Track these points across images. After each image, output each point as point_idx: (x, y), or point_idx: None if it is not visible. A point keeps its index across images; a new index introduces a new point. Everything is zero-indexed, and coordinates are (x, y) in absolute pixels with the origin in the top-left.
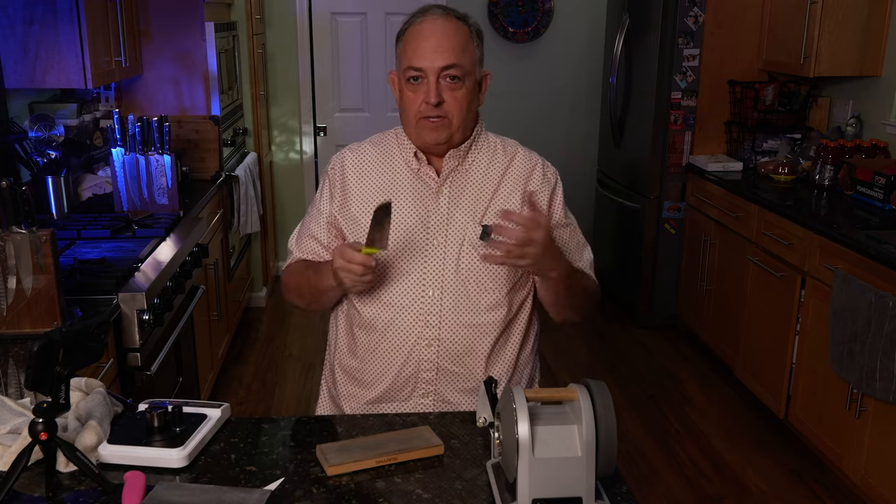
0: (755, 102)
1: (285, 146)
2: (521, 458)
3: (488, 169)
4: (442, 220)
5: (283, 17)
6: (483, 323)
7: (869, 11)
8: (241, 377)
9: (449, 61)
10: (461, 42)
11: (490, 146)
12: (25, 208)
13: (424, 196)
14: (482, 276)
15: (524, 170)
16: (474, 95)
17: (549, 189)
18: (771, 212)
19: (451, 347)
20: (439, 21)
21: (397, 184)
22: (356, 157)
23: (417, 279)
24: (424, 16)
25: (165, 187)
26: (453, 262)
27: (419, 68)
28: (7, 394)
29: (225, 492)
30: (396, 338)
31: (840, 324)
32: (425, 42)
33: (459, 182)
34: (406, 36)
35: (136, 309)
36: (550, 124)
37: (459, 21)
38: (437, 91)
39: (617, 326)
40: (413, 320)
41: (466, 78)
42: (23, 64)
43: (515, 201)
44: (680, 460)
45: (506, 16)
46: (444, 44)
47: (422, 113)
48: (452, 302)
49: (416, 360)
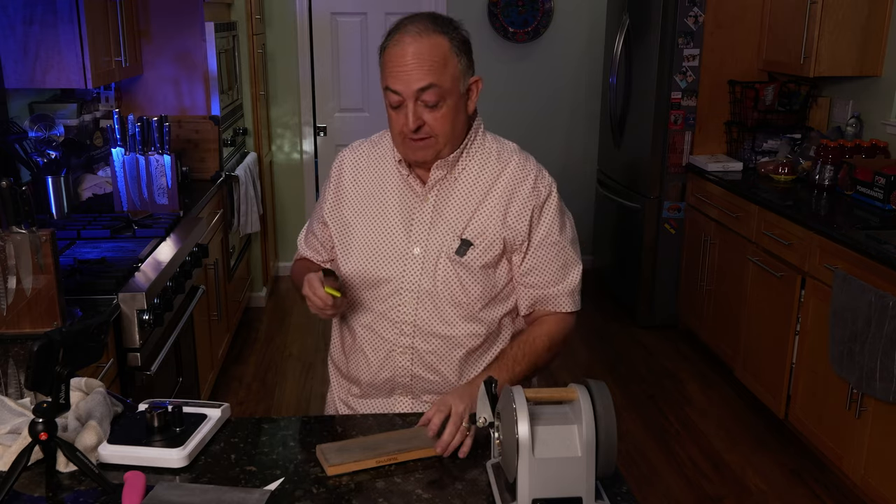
0: (755, 102)
1: (285, 146)
2: (521, 458)
3: (477, 178)
4: (425, 230)
5: (283, 17)
6: (456, 335)
7: (869, 11)
8: (241, 377)
9: (424, 82)
10: (439, 60)
11: (484, 153)
12: (25, 208)
13: (411, 203)
14: (455, 291)
15: (513, 181)
16: (460, 108)
17: (538, 203)
18: (771, 212)
19: (424, 356)
20: (416, 40)
21: (387, 187)
22: (354, 156)
23: (395, 287)
24: (401, 33)
25: (165, 187)
26: (430, 274)
27: (396, 91)
28: (7, 394)
29: (225, 492)
30: (374, 342)
31: (840, 324)
32: (400, 64)
33: (446, 191)
34: (384, 55)
35: (136, 309)
36: (550, 125)
37: (439, 34)
38: (415, 115)
39: (617, 326)
40: (389, 327)
41: (447, 96)
42: (23, 64)
43: (499, 215)
44: (680, 460)
45: (506, 16)
46: (419, 66)
47: (405, 133)
48: (427, 313)
49: (391, 366)
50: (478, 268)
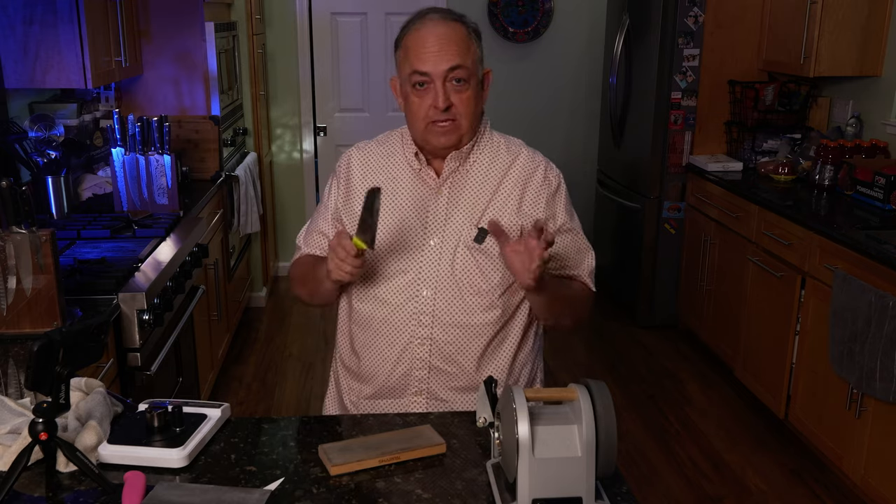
0: (755, 102)
1: (285, 146)
2: (521, 458)
3: (489, 170)
4: (440, 221)
5: (283, 17)
6: (476, 324)
7: (869, 11)
8: (241, 377)
9: (454, 63)
10: (463, 43)
11: (493, 146)
12: (25, 208)
13: (424, 196)
14: (476, 279)
15: (525, 171)
16: (479, 94)
17: (550, 192)
18: (771, 212)
19: (443, 347)
20: (439, 24)
21: (399, 183)
22: (362, 155)
23: (412, 278)
24: (423, 20)
25: (165, 187)
26: (448, 263)
27: (425, 72)
28: (7, 394)
29: (225, 492)
30: (390, 335)
31: (840, 324)
32: (428, 46)
33: (459, 183)
34: (406, 41)
35: (136, 309)
36: (550, 124)
37: (457, 22)
38: (445, 95)
39: (617, 326)
40: (406, 319)
41: (471, 78)
42: (23, 64)
43: (514, 204)
44: (680, 460)
45: (506, 16)
46: (447, 46)
47: (430, 118)
48: (445, 302)
49: (409, 359)
50: (497, 254)
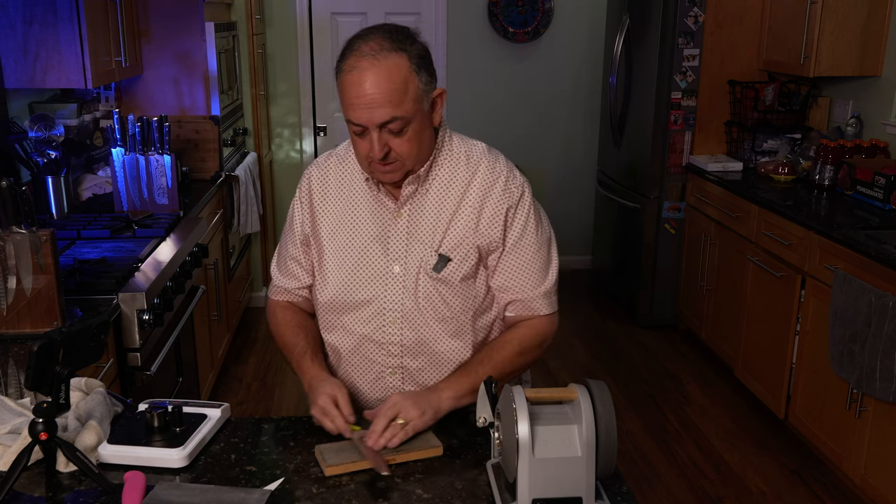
0: (755, 102)
1: (285, 146)
2: (521, 458)
3: (448, 188)
4: (402, 246)
5: (283, 17)
6: (445, 350)
7: (869, 11)
8: (241, 377)
9: (387, 117)
10: (399, 87)
11: (453, 160)
12: (25, 208)
13: (385, 220)
14: (439, 306)
15: (484, 186)
16: (425, 127)
17: (510, 203)
18: (771, 212)
19: (415, 375)
20: (373, 66)
21: (358, 208)
22: (320, 174)
23: (378, 309)
24: (358, 57)
25: (165, 187)
26: (412, 292)
27: (358, 123)
28: (7, 394)
29: (225, 492)
30: (361, 366)
31: (840, 324)
32: (359, 95)
33: (419, 205)
34: (341, 80)
35: (136, 309)
36: (550, 125)
37: (396, 52)
38: (381, 144)
39: (617, 326)
40: (376, 349)
41: (412, 120)
42: (23, 64)
43: (473, 222)
44: (680, 460)
45: (506, 16)
46: (379, 98)
47: (372, 159)
48: (413, 331)
49: (382, 387)
50: (457, 282)
